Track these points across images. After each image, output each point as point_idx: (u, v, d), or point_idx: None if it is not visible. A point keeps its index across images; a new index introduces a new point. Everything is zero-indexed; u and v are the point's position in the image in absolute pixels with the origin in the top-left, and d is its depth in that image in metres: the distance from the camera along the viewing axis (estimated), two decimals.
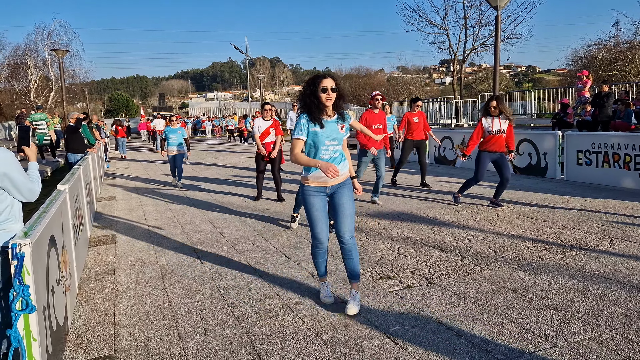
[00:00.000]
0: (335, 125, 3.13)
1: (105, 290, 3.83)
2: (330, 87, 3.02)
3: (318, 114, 3.06)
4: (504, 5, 11.93)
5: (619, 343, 2.64)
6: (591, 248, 4.39)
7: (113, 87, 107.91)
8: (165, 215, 6.67)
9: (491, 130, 6.15)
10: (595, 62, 23.20)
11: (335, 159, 3.17)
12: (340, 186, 3.22)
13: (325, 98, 3.02)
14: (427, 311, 3.16)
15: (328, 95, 3.02)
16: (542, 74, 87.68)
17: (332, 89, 3.03)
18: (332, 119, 3.13)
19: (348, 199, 3.21)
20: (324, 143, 3.10)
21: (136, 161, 15.93)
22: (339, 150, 3.20)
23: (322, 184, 3.17)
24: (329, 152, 3.13)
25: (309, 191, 3.19)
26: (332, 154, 3.15)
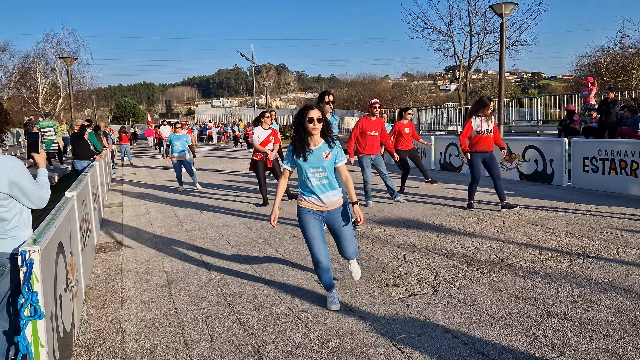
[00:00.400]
0: (320, 154, 3.34)
1: (111, 296, 3.85)
2: (316, 118, 3.27)
3: (303, 145, 3.33)
4: (509, 12, 11.98)
5: (626, 352, 2.61)
6: (598, 256, 4.36)
7: (120, 93, 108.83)
8: (172, 222, 6.70)
9: (480, 130, 6.40)
10: (601, 69, 23.14)
11: (324, 185, 3.35)
12: (335, 212, 3.42)
13: (312, 128, 3.27)
14: (433, 319, 3.15)
15: (314, 125, 3.27)
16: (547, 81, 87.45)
17: (318, 120, 3.28)
18: (318, 146, 3.36)
19: (345, 224, 3.44)
20: (309, 171, 3.34)
21: (142, 167, 16.03)
22: (327, 177, 3.36)
23: (316, 207, 3.38)
24: (316, 178, 3.35)
25: (305, 211, 3.40)
26: (319, 181, 3.35)
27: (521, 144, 9.55)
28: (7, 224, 2.32)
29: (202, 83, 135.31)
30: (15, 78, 31.40)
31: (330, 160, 3.36)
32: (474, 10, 22.27)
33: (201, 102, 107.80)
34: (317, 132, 3.32)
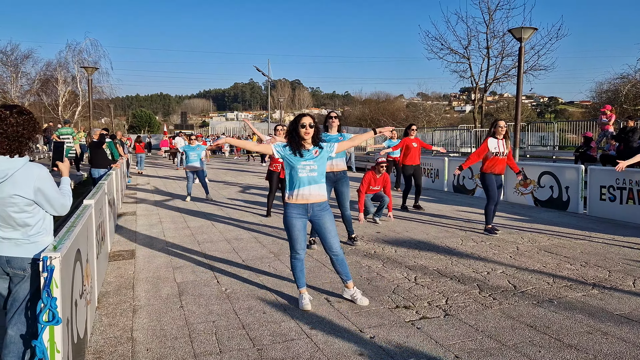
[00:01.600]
0: (311, 153, 3.70)
1: (123, 305, 3.88)
2: (308, 124, 3.63)
3: (296, 146, 3.66)
4: (527, 37, 12.02)
5: None
6: (614, 287, 4.28)
7: (137, 103, 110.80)
8: (184, 233, 6.76)
9: (497, 151, 6.47)
10: (620, 96, 22.97)
11: (312, 178, 3.67)
12: (321, 209, 3.72)
13: (304, 132, 3.62)
14: (443, 344, 3.12)
15: (306, 130, 3.62)
16: (564, 105, 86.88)
17: (310, 125, 3.63)
18: (310, 149, 3.70)
19: (329, 220, 3.74)
20: (301, 164, 3.65)
21: (156, 177, 16.23)
22: (316, 170, 3.68)
23: (302, 201, 3.66)
24: (305, 171, 3.66)
25: (291, 212, 3.69)
26: (308, 173, 3.66)
27: (537, 169, 9.48)
28: (30, 230, 2.39)
29: (218, 96, 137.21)
30: (36, 85, 32.24)
31: (319, 155, 3.70)
32: (492, 33, 22.35)
33: (216, 115, 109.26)
34: (309, 137, 3.65)
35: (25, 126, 2.39)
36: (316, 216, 3.71)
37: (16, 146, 2.35)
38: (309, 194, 3.66)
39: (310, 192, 3.66)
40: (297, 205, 3.68)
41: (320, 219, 3.72)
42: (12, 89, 30.43)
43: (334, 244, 3.77)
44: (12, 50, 30.58)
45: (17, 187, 2.31)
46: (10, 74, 30.51)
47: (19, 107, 2.43)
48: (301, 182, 3.64)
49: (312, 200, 3.67)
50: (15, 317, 2.35)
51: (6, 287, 2.42)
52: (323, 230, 3.75)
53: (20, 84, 31.49)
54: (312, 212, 3.69)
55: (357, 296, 3.87)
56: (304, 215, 3.70)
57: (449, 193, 11.76)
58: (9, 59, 30.30)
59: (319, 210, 3.71)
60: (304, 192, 3.65)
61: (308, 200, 3.66)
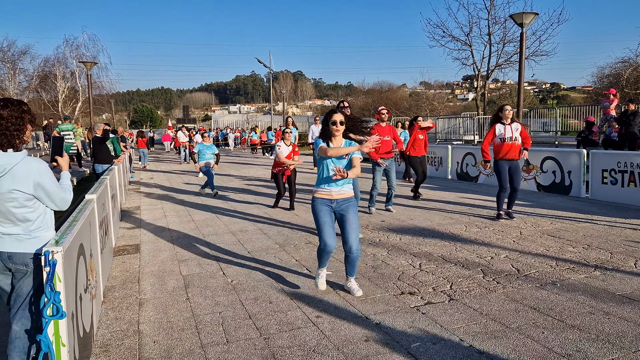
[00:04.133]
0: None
1: (129, 299, 3.92)
2: (338, 121, 3.77)
3: (328, 141, 3.81)
4: (529, 22, 11.92)
5: None
6: (616, 268, 4.30)
7: (138, 98, 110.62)
8: (188, 226, 6.79)
9: (504, 137, 6.37)
10: (622, 80, 22.77)
11: (340, 180, 3.74)
12: (345, 203, 3.79)
13: (335, 129, 3.75)
14: (448, 328, 3.14)
15: (337, 127, 3.75)
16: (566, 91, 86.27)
17: (340, 123, 3.76)
18: (340, 145, 3.79)
19: (353, 215, 3.79)
20: (331, 165, 3.76)
21: (160, 172, 16.27)
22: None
23: (327, 196, 3.78)
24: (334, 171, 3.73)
25: (317, 201, 3.80)
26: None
27: (539, 154, 9.45)
28: (31, 225, 2.39)
29: (220, 89, 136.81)
30: (35, 81, 32.12)
31: (348, 159, 3.79)
32: (494, 19, 22.17)
33: (218, 108, 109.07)
34: (340, 134, 3.79)
35: (11, 119, 2.33)
36: (340, 209, 3.78)
37: (5, 140, 2.31)
38: (339, 191, 3.76)
39: (340, 190, 3.77)
40: (323, 198, 3.79)
41: (343, 212, 3.78)
42: (10, 85, 30.31)
43: (352, 240, 3.75)
44: (9, 46, 30.43)
45: (16, 182, 2.29)
46: (7, 70, 30.39)
47: (5, 100, 2.36)
48: (329, 180, 3.75)
49: (336, 197, 3.77)
50: (19, 313, 2.36)
51: (9, 283, 2.42)
52: (345, 223, 3.77)
53: (19, 81, 31.43)
54: (337, 205, 3.78)
55: (352, 287, 3.88)
56: (329, 205, 3.79)
57: (453, 180, 11.75)
58: (6, 56, 30.16)
59: (343, 203, 3.79)
60: (330, 190, 3.76)
61: (332, 196, 3.76)
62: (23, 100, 23.04)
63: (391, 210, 7.43)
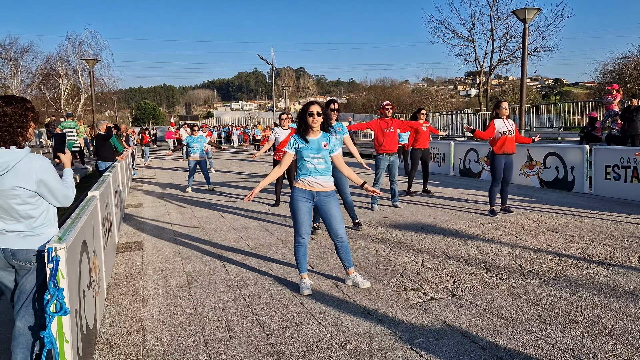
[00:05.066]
0: (319, 143, 3.78)
1: (132, 295, 3.94)
2: (316, 112, 3.72)
3: (304, 134, 3.78)
4: (531, 18, 11.86)
5: None
6: (619, 264, 4.28)
7: (140, 95, 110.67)
8: (191, 223, 6.81)
9: (504, 130, 6.51)
10: (625, 76, 22.65)
11: (320, 170, 3.78)
12: (327, 196, 3.81)
13: (312, 121, 3.71)
14: (451, 324, 3.14)
15: (314, 118, 3.71)
16: (569, 87, 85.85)
17: (318, 114, 3.72)
18: (318, 137, 3.79)
19: (335, 206, 3.83)
20: (310, 156, 3.75)
21: (162, 169, 16.30)
22: (324, 163, 3.79)
23: (309, 188, 3.78)
24: (313, 164, 3.76)
25: (297, 196, 3.79)
26: (316, 165, 3.77)
27: (542, 150, 9.42)
28: (34, 222, 2.39)
29: (222, 86, 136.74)
30: (37, 79, 32.14)
31: (327, 149, 3.81)
32: (496, 15, 22.08)
33: (220, 105, 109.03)
34: (317, 125, 3.75)
35: (14, 116, 2.34)
36: (322, 202, 3.81)
37: (8, 137, 2.32)
38: (315, 183, 3.78)
39: (316, 181, 3.78)
40: (304, 190, 3.80)
41: (325, 205, 3.81)
42: (12, 83, 30.36)
43: (339, 230, 3.83)
44: (11, 44, 30.47)
45: (19, 179, 2.30)
46: (10, 68, 30.43)
47: (9, 97, 2.38)
48: (309, 171, 3.78)
49: (318, 189, 3.79)
50: (23, 309, 2.37)
51: (12, 280, 2.43)
52: (328, 216, 3.82)
53: (21, 78, 31.44)
54: (318, 198, 3.80)
55: (357, 280, 3.94)
56: (310, 200, 3.81)
57: (455, 177, 11.73)
58: (9, 53, 30.20)
59: (325, 196, 3.81)
60: (311, 180, 3.78)
61: (314, 188, 3.78)
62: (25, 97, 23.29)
63: (398, 206, 7.41)
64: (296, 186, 3.83)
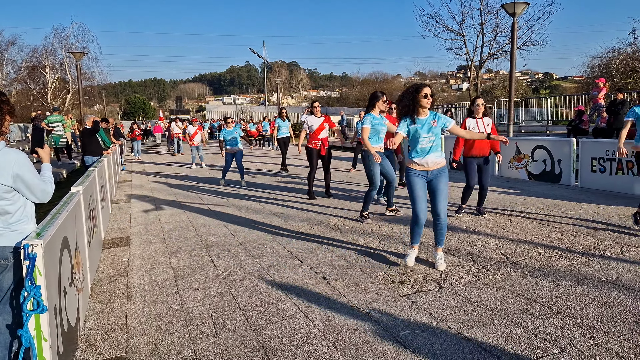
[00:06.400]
0: (429, 122, 4.04)
1: (117, 292, 3.90)
2: (429, 94, 4.03)
3: (414, 115, 4.05)
4: (520, 12, 11.89)
5: (626, 349, 2.62)
6: (602, 255, 4.34)
7: (130, 89, 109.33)
8: (180, 218, 6.76)
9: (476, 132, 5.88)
10: (612, 70, 22.83)
11: (432, 147, 4.04)
12: (439, 173, 4.07)
13: (426, 102, 4.01)
14: (437, 315, 3.16)
15: (428, 99, 4.01)
16: (559, 81, 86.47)
17: (431, 95, 4.03)
18: (427, 116, 4.06)
19: (444, 184, 4.07)
20: (422, 135, 4.02)
21: (152, 164, 16.16)
22: (435, 140, 4.05)
23: (423, 168, 4.05)
24: (426, 142, 4.03)
25: (412, 172, 4.07)
26: (429, 144, 4.03)
27: (530, 143, 9.49)
28: (11, 217, 2.32)
29: (214, 80, 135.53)
30: (23, 72, 31.49)
31: (437, 126, 4.04)
32: (486, 9, 22.06)
33: (212, 99, 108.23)
34: (429, 105, 4.03)
35: None
36: (435, 177, 4.07)
37: None
38: (433, 161, 4.04)
39: (433, 160, 4.04)
40: (418, 170, 4.07)
41: (435, 180, 4.07)
42: None
43: (439, 207, 4.07)
44: None
45: None
46: None
47: None
48: (422, 151, 4.04)
49: (432, 167, 4.05)
50: (0, 308, 2.33)
51: None
52: (436, 191, 4.06)
53: (6, 72, 30.84)
54: (432, 174, 4.07)
55: (438, 261, 4.17)
56: (425, 177, 4.07)
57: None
58: None
59: (437, 172, 4.07)
60: (427, 162, 4.03)
61: (429, 168, 4.04)
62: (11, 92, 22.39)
63: (382, 202, 7.37)
64: (410, 166, 4.10)
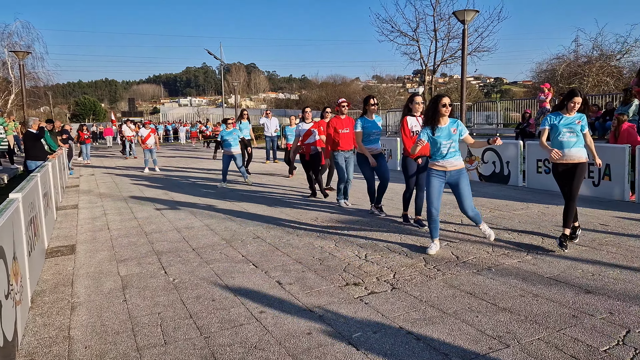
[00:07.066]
0: (449, 129, 4.48)
1: (60, 303, 3.70)
2: (448, 103, 4.45)
3: (434, 123, 4.48)
4: (470, 19, 12.36)
5: (565, 342, 2.76)
6: (546, 252, 4.57)
7: (80, 90, 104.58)
8: (130, 224, 6.51)
9: (417, 130, 5.61)
10: (557, 76, 24.15)
11: (451, 152, 4.48)
12: (457, 174, 4.48)
13: (445, 110, 4.44)
14: (389, 316, 3.20)
15: (447, 108, 4.44)
16: (509, 86, 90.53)
17: (449, 105, 4.46)
18: (447, 124, 4.50)
19: (465, 184, 4.49)
20: (443, 143, 4.47)
21: (102, 168, 15.51)
22: (454, 146, 4.50)
23: (443, 169, 4.48)
24: (446, 148, 4.47)
25: (432, 173, 4.50)
26: (448, 149, 4.47)
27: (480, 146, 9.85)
28: None
29: (169, 81, 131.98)
30: None
31: (456, 134, 4.50)
32: (439, 16, 22.80)
33: (167, 101, 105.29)
34: (447, 113, 4.45)
35: None
36: (453, 178, 4.50)
37: None
38: (452, 164, 4.47)
39: (452, 162, 4.47)
40: (438, 170, 4.48)
41: (456, 181, 4.49)
42: None
43: (464, 206, 4.55)
44: None
45: None
46: None
47: None
48: (442, 155, 4.47)
49: (450, 168, 4.47)
50: None
51: None
52: (459, 192, 4.50)
53: None
54: (450, 176, 4.48)
55: (487, 232, 4.78)
56: (443, 177, 4.48)
57: (399, 172, 12.00)
58: None
59: (456, 173, 4.48)
60: (447, 164, 4.47)
61: (446, 168, 4.47)
62: None
63: (347, 204, 7.32)
64: (431, 167, 4.50)
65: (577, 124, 4.46)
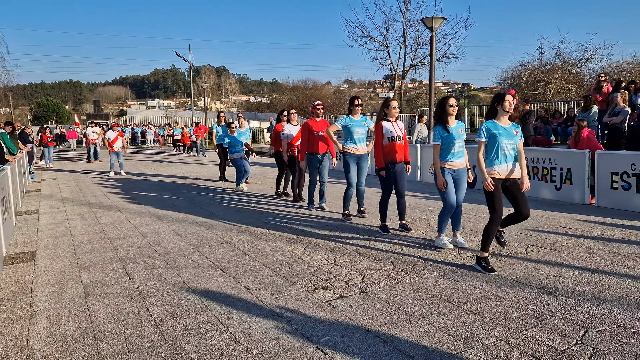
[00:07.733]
0: (458, 130, 4.85)
1: (19, 312, 3.55)
2: (455, 104, 4.82)
3: (445, 124, 4.81)
4: (438, 26, 12.64)
5: (527, 343, 2.85)
6: (509, 255, 4.71)
7: (42, 92, 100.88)
8: (93, 230, 6.31)
9: (393, 135, 5.58)
10: (522, 82, 25.01)
11: (460, 152, 4.89)
12: (462, 171, 4.95)
13: (453, 110, 4.80)
14: (357, 320, 3.23)
15: (454, 108, 4.81)
16: (476, 91, 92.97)
17: (456, 105, 4.83)
18: (456, 125, 4.86)
19: (465, 180, 4.98)
20: (454, 142, 4.81)
21: (65, 172, 14.97)
22: (462, 146, 4.92)
23: (453, 167, 4.88)
24: (456, 147, 4.85)
25: (446, 172, 4.85)
26: (459, 149, 4.87)
27: None
28: None
29: (137, 83, 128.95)
30: None
31: (463, 134, 4.90)
32: (408, 22, 23.30)
33: (135, 103, 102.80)
34: (454, 112, 4.80)
35: None
36: (458, 176, 4.92)
37: None
38: (460, 162, 4.88)
39: (460, 161, 4.89)
40: (449, 169, 4.84)
41: (459, 178, 4.93)
42: None
43: (459, 198, 4.97)
44: None
45: None
46: None
47: None
48: (453, 155, 4.83)
49: (458, 166, 4.90)
50: None
51: None
52: (460, 187, 4.93)
53: None
54: (457, 173, 4.90)
55: (459, 241, 5.03)
56: (452, 173, 4.89)
57: (371, 176, 12.13)
58: None
59: (461, 172, 4.93)
60: (454, 162, 4.86)
61: (455, 167, 4.87)
62: None
63: (325, 207, 7.33)
64: (444, 167, 4.83)
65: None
